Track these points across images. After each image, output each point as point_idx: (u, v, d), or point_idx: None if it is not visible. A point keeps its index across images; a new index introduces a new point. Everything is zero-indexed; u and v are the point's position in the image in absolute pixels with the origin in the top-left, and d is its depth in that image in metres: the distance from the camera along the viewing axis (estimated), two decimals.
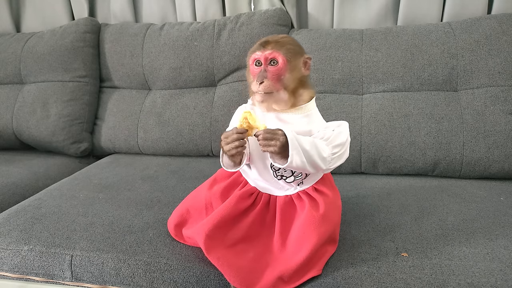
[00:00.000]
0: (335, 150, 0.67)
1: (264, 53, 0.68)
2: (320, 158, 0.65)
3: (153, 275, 0.74)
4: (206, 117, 1.29)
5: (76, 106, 1.39)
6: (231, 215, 0.71)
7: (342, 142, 0.68)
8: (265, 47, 0.69)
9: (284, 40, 0.70)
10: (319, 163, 0.66)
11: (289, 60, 0.68)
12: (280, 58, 0.68)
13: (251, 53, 0.71)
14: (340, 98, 1.16)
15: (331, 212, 0.71)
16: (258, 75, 0.68)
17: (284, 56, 0.68)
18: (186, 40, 1.33)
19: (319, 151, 0.65)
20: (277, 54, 0.68)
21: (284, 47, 0.69)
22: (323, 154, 0.66)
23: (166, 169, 1.21)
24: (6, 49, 1.46)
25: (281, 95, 0.68)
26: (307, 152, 0.64)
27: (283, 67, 0.68)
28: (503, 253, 0.70)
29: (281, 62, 0.68)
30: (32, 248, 0.80)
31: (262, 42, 0.70)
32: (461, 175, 1.07)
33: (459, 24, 1.15)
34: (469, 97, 1.08)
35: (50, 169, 1.29)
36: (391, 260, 0.69)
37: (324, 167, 0.67)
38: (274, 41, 0.69)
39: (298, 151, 0.63)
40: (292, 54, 0.69)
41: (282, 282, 0.65)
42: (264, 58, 0.68)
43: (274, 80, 0.67)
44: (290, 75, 0.68)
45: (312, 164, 0.65)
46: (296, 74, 0.69)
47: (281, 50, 0.68)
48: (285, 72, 0.68)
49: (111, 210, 0.92)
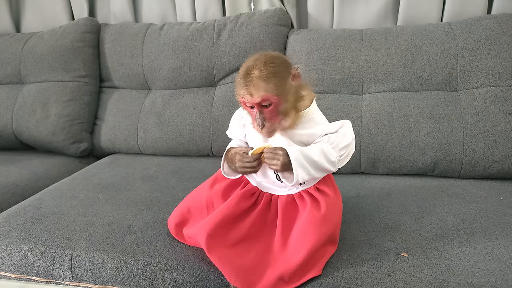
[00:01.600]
0: (342, 152, 0.70)
1: (253, 100, 0.64)
2: (329, 163, 0.68)
3: (153, 275, 0.74)
4: (206, 117, 1.29)
5: (76, 106, 1.39)
6: (233, 215, 0.71)
7: (348, 143, 0.70)
8: (251, 94, 0.64)
9: (268, 70, 0.64)
10: (328, 168, 0.68)
11: (280, 94, 0.64)
12: (272, 99, 0.64)
13: (238, 90, 0.67)
14: (340, 98, 1.16)
15: (332, 213, 0.71)
16: (256, 119, 0.66)
17: (275, 95, 0.64)
18: (186, 40, 1.33)
19: (327, 157, 0.68)
20: (266, 97, 0.64)
21: (270, 82, 0.64)
22: (332, 159, 0.68)
23: (166, 169, 1.21)
24: (6, 49, 1.46)
25: (284, 124, 0.68)
26: (315, 162, 0.66)
27: (278, 103, 0.65)
28: (503, 253, 0.70)
29: (275, 101, 0.65)
30: (32, 248, 0.80)
31: (245, 82, 0.65)
32: (461, 175, 1.07)
33: (459, 24, 1.15)
34: (469, 97, 1.08)
35: (50, 169, 1.29)
36: (391, 260, 0.69)
37: (334, 169, 0.70)
38: (257, 78, 0.64)
39: (304, 167, 0.65)
40: (281, 85, 0.65)
41: (282, 282, 0.65)
42: (256, 104, 0.65)
43: (273, 119, 0.67)
44: (287, 103, 0.66)
45: (322, 170, 0.69)
46: (292, 97, 0.67)
47: (269, 89, 0.63)
48: (281, 106, 0.66)
49: (111, 210, 0.92)
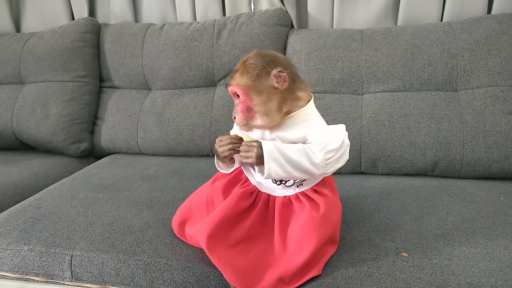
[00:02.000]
0: (329, 155, 0.66)
1: (229, 88, 0.70)
2: (311, 164, 0.65)
3: (153, 275, 0.74)
4: (206, 117, 1.29)
5: (76, 106, 1.39)
6: (232, 214, 0.71)
7: (336, 147, 0.66)
8: (230, 83, 0.70)
9: (246, 65, 0.68)
10: (311, 169, 0.65)
11: (249, 89, 0.67)
12: (239, 91, 0.68)
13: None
14: (340, 98, 1.16)
15: (331, 213, 0.71)
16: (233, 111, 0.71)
17: (243, 88, 0.67)
18: (186, 40, 1.33)
19: (310, 158, 0.65)
20: (235, 88, 0.68)
21: (243, 76, 0.68)
22: (315, 160, 0.65)
23: (166, 169, 1.21)
24: (6, 49, 1.46)
25: (257, 122, 0.68)
26: (294, 161, 0.64)
27: (245, 98, 0.68)
28: (503, 253, 0.70)
29: (242, 94, 0.68)
30: (32, 248, 0.80)
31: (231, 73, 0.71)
32: (461, 175, 1.07)
33: (459, 24, 1.15)
34: (469, 97, 1.08)
35: (50, 169, 1.29)
36: (391, 260, 0.69)
37: (319, 172, 0.66)
38: (240, 70, 0.69)
39: (278, 162, 0.64)
40: (252, 81, 0.67)
41: (282, 283, 0.65)
42: (231, 93, 0.71)
43: (243, 112, 0.68)
44: (258, 101, 0.67)
45: (302, 171, 0.66)
46: (267, 96, 0.67)
47: (240, 82, 0.68)
48: (251, 102, 0.68)
49: (111, 210, 0.92)
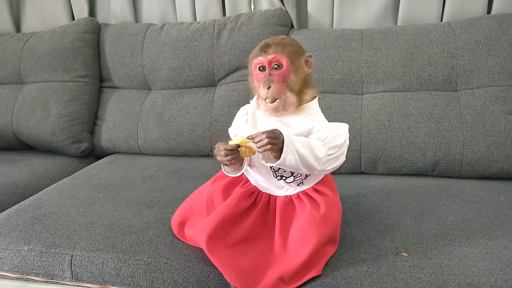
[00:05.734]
0: (331, 151, 0.67)
1: (267, 58, 0.68)
2: (314, 158, 0.65)
3: (153, 275, 0.74)
4: (206, 117, 1.29)
5: (76, 106, 1.39)
6: (232, 215, 0.71)
7: (339, 144, 0.67)
8: (266, 52, 0.68)
9: (285, 41, 0.70)
10: (313, 164, 0.65)
11: (293, 61, 0.68)
12: (284, 61, 0.67)
13: (252, 58, 0.71)
14: (340, 98, 1.16)
15: (331, 213, 0.71)
16: (264, 80, 0.68)
17: (288, 58, 0.67)
18: (186, 40, 1.33)
19: (314, 152, 0.65)
20: (280, 57, 0.67)
21: (286, 48, 0.68)
22: (318, 154, 0.65)
23: (166, 169, 1.21)
24: (6, 49, 1.46)
25: (289, 99, 0.68)
26: (300, 153, 0.64)
27: (288, 69, 0.67)
28: (503, 253, 0.70)
29: (286, 65, 0.67)
30: (32, 248, 0.80)
31: (262, 46, 0.70)
32: (461, 175, 1.07)
33: (459, 24, 1.15)
34: (469, 97, 1.08)
35: (50, 169, 1.29)
36: (391, 260, 0.69)
37: (319, 168, 0.66)
38: (275, 43, 0.69)
39: (292, 150, 0.63)
40: (294, 55, 0.68)
41: (282, 282, 0.65)
42: (267, 63, 0.68)
43: (280, 84, 0.67)
44: (295, 76, 0.68)
45: (306, 165, 0.65)
46: (300, 74, 0.69)
47: (283, 52, 0.68)
48: (290, 74, 0.68)
49: (111, 210, 0.92)
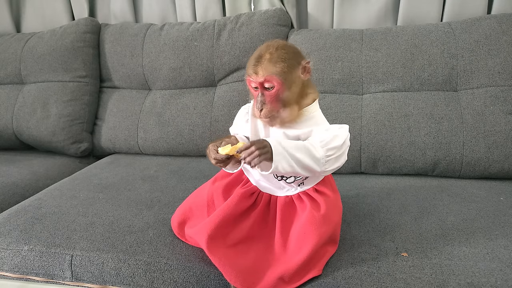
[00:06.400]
0: (330, 152, 0.66)
1: (257, 80, 0.66)
2: (313, 160, 0.64)
3: (153, 275, 0.74)
4: (206, 117, 1.29)
5: (76, 106, 1.39)
6: (233, 215, 0.71)
7: (338, 145, 0.66)
8: (257, 73, 0.66)
9: (278, 54, 0.66)
10: (312, 166, 0.65)
11: (285, 79, 0.65)
12: (275, 82, 0.65)
13: (247, 73, 0.69)
14: (340, 98, 1.16)
15: (332, 213, 0.71)
16: (257, 101, 0.67)
17: (279, 78, 0.65)
18: (186, 40, 1.33)
19: (311, 154, 0.64)
20: (270, 78, 0.65)
21: (277, 65, 0.65)
22: (317, 156, 0.65)
23: (166, 169, 1.21)
24: (6, 49, 1.46)
25: (284, 114, 0.67)
26: (296, 157, 0.63)
27: (280, 88, 0.66)
28: (503, 253, 0.70)
29: (277, 85, 0.65)
30: (32, 248, 0.80)
31: (255, 62, 0.67)
32: (461, 175, 1.07)
33: (459, 24, 1.15)
34: (469, 97, 1.08)
35: (50, 169, 1.29)
36: (391, 260, 0.69)
37: (319, 169, 0.66)
38: (267, 60, 0.66)
39: (284, 157, 0.63)
40: (287, 71, 0.66)
41: (282, 282, 0.65)
42: (259, 84, 0.66)
43: (273, 103, 0.66)
44: (289, 92, 0.67)
45: (304, 168, 0.65)
46: (296, 88, 0.67)
47: (274, 72, 0.65)
48: (283, 93, 0.66)
49: (111, 210, 0.92)
